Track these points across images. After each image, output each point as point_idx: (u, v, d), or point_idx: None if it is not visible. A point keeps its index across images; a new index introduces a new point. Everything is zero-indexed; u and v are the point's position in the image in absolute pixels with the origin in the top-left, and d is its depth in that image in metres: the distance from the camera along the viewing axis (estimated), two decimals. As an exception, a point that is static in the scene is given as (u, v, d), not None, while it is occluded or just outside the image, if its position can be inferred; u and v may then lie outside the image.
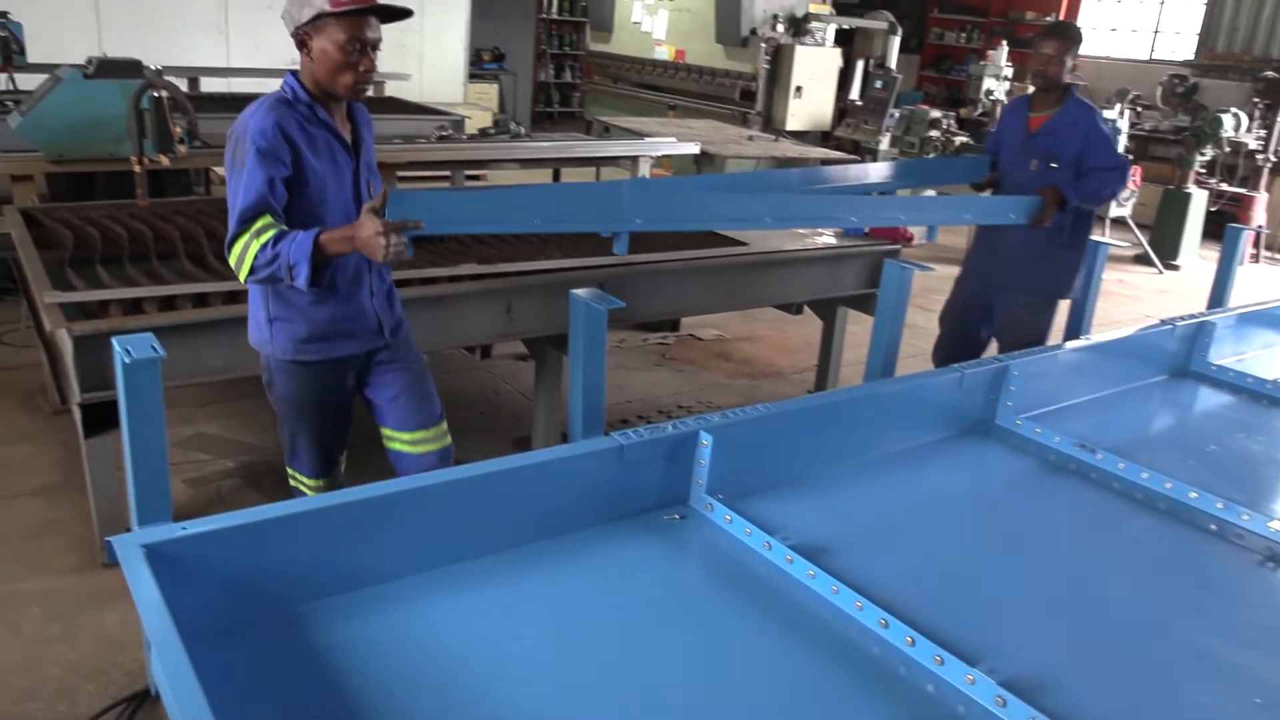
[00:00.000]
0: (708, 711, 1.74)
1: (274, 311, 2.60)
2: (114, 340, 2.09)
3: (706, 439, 2.40)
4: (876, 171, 3.89)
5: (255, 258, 2.38)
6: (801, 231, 4.97)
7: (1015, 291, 4.25)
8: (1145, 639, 2.08)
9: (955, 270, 4.59)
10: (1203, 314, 3.88)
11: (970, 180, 4.34)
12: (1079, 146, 4.03)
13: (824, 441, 2.73)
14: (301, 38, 2.47)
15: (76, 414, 2.85)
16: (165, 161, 4.43)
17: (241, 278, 2.45)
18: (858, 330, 5.20)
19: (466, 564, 2.10)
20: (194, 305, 3.13)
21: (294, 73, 2.56)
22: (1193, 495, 2.72)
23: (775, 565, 2.22)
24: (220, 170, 6.20)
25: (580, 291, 2.64)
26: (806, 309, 5.54)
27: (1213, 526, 2.62)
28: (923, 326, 6.62)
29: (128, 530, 2.01)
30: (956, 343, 4.41)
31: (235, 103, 6.79)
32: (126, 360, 2.04)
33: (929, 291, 7.40)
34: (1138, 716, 1.82)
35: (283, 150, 2.45)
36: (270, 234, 2.40)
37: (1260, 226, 8.78)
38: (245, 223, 2.41)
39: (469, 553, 2.12)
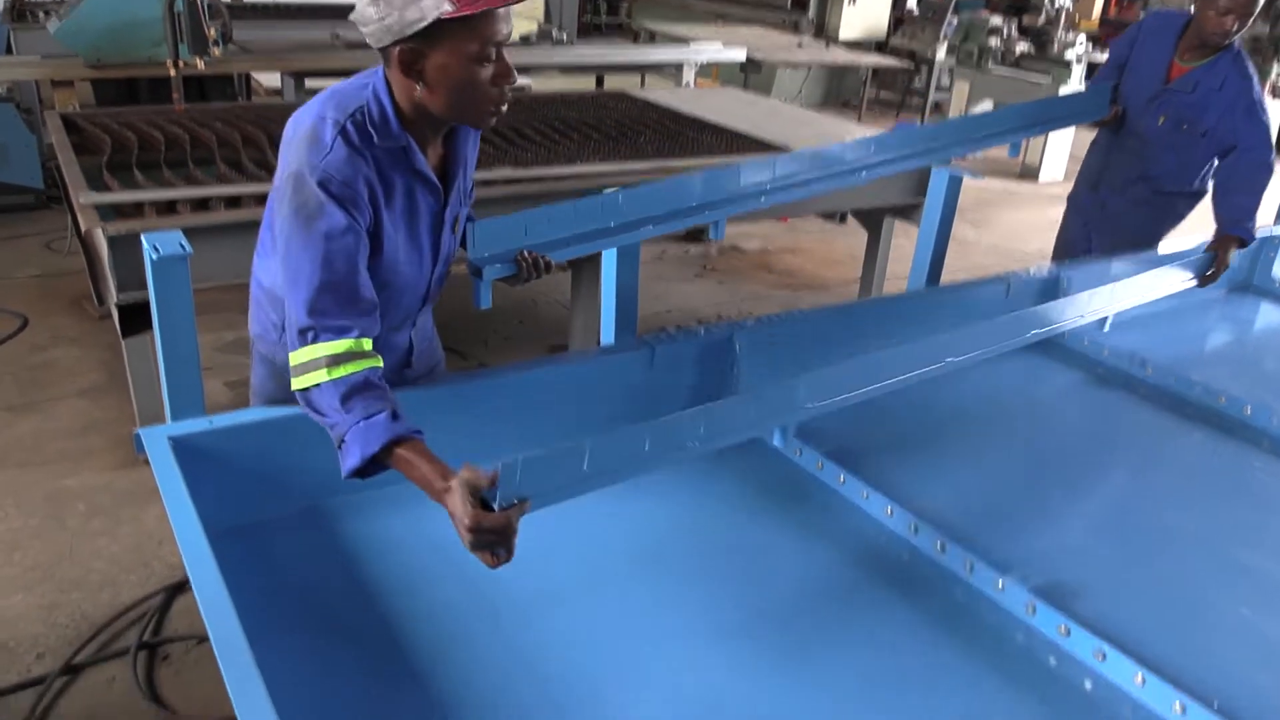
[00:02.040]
0: (730, 612, 1.72)
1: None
2: (143, 236, 2.07)
3: (740, 343, 2.35)
4: (978, 126, 3.13)
5: (316, 396, 1.55)
6: (845, 136, 4.81)
7: (1122, 231, 3.66)
8: (1187, 552, 2.02)
9: (1018, 188, 4.38)
10: (1267, 227, 3.70)
11: (1090, 120, 3.52)
12: (1221, 115, 3.26)
13: (862, 350, 2.65)
14: (405, 57, 1.53)
15: (114, 313, 2.87)
16: (200, 65, 4.39)
17: (296, 385, 1.60)
18: (904, 244, 5.07)
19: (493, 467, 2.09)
20: (227, 207, 3.12)
21: (384, 82, 1.63)
22: (1246, 410, 2.62)
23: (806, 471, 2.19)
24: (264, 79, 6.15)
25: (612, 191, 2.57)
26: (851, 219, 5.41)
27: (1265, 443, 2.53)
28: (973, 241, 6.44)
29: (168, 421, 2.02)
30: None
31: (273, 11, 6.71)
32: (154, 256, 2.03)
33: (981, 205, 7.20)
34: (1173, 626, 1.77)
35: (365, 214, 1.61)
36: (348, 373, 1.52)
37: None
38: (315, 327, 1.55)
39: (496, 455, 2.10)
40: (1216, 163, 3.43)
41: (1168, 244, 3.41)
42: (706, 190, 2.34)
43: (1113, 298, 2.41)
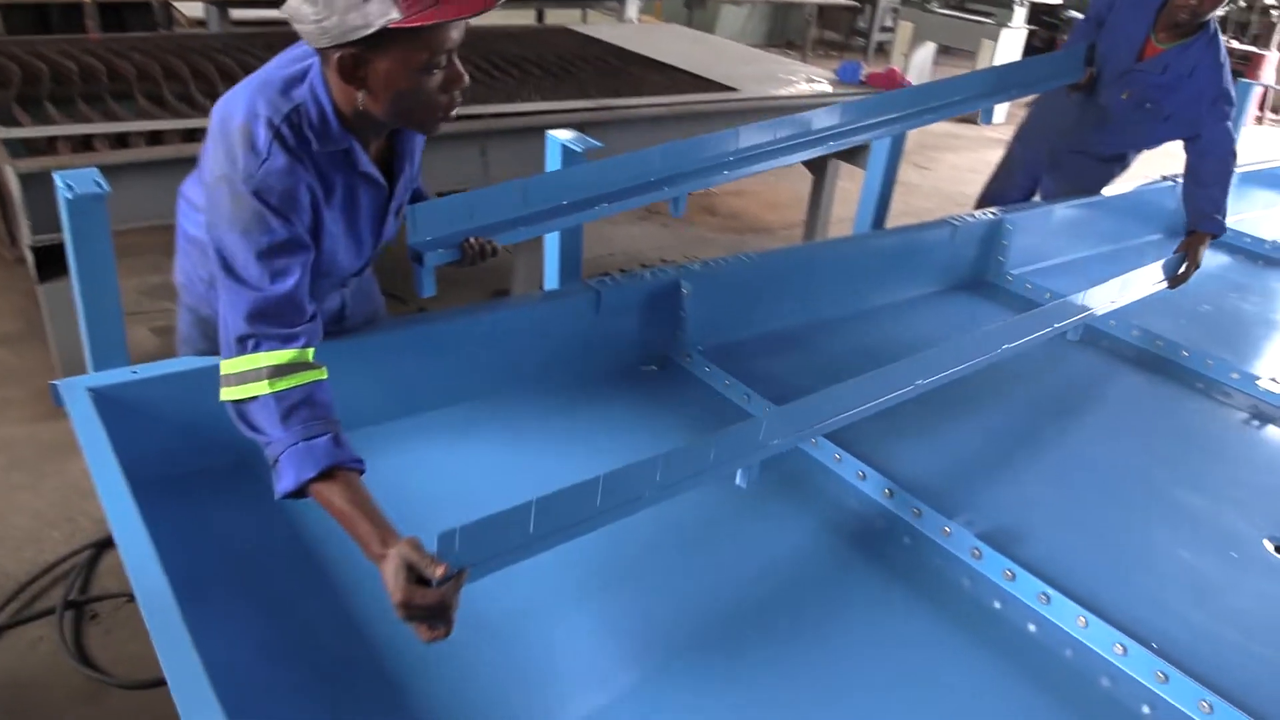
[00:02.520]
0: (681, 559, 1.70)
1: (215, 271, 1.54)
2: (56, 175, 1.94)
3: (687, 287, 2.30)
4: (950, 91, 2.85)
5: (253, 409, 1.41)
6: (792, 77, 4.75)
7: (1064, 182, 3.51)
8: (1127, 493, 2.05)
9: (962, 131, 4.35)
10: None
11: (1065, 83, 3.26)
12: (1187, 103, 3.09)
13: (809, 294, 2.64)
14: (346, 63, 1.39)
15: (29, 257, 2.72)
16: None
17: (223, 397, 1.46)
18: (849, 187, 5.04)
19: (436, 413, 2.03)
20: (148, 143, 2.96)
21: (322, 80, 1.47)
22: (1184, 354, 2.67)
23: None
24: (186, 9, 5.86)
25: (558, 132, 2.48)
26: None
27: (1200, 385, 2.57)
28: (916, 184, 6.45)
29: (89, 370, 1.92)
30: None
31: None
32: (69, 196, 1.90)
33: (925, 149, 7.21)
34: (1115, 567, 1.80)
35: (306, 218, 1.49)
36: (291, 386, 1.40)
37: (1268, 86, 8.49)
38: (255, 335, 1.42)
39: (438, 402, 2.04)
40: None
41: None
42: (666, 164, 2.22)
43: (1087, 300, 2.41)
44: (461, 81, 1.46)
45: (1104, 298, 2.51)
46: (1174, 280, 2.85)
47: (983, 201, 3.59)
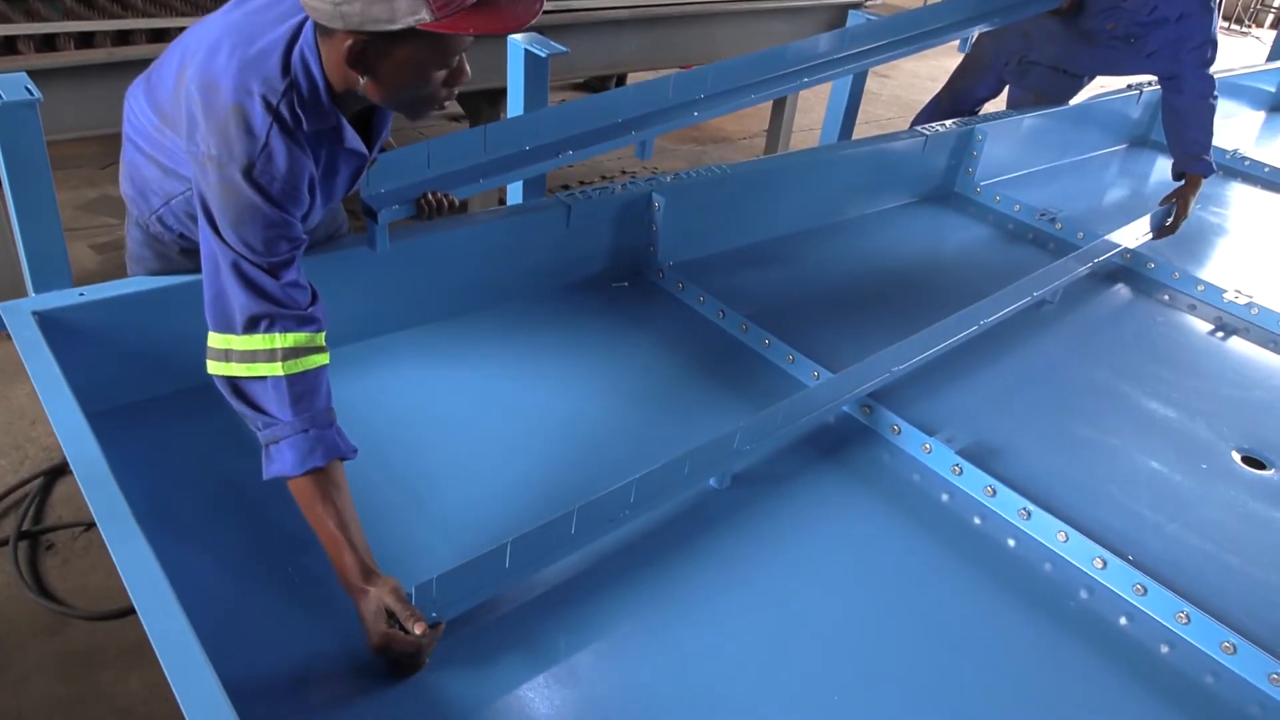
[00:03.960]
0: (641, 455, 1.67)
1: (170, 188, 1.56)
2: (-19, 81, 1.79)
3: (659, 201, 2.23)
4: (930, 19, 2.72)
5: (258, 389, 1.34)
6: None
7: (1030, 91, 3.36)
8: (1098, 408, 2.05)
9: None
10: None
11: (1048, 9, 3.08)
12: (1171, 45, 2.95)
13: (781, 207, 2.58)
14: (356, 49, 1.28)
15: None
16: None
17: (219, 371, 1.36)
18: (808, 95, 4.94)
19: (403, 333, 1.96)
20: (78, 46, 2.76)
21: (314, 51, 1.36)
22: (1150, 266, 2.67)
23: (728, 333, 2.13)
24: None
25: (519, 36, 2.36)
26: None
27: (1166, 297, 2.58)
28: (875, 93, 6.35)
29: (29, 291, 1.81)
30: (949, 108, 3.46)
31: None
32: (-4, 104, 1.76)
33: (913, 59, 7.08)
34: (1090, 481, 1.81)
35: (304, 206, 1.42)
36: (304, 370, 1.35)
37: (1222, -7, 8.45)
38: (270, 315, 1.34)
39: (404, 323, 1.97)
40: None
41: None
42: (633, 106, 2.10)
43: (1120, 238, 2.41)
44: (465, 79, 1.40)
45: (1132, 236, 2.53)
46: (1160, 231, 2.83)
47: (949, 95, 3.45)
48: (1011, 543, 1.65)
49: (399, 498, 1.57)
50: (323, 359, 1.37)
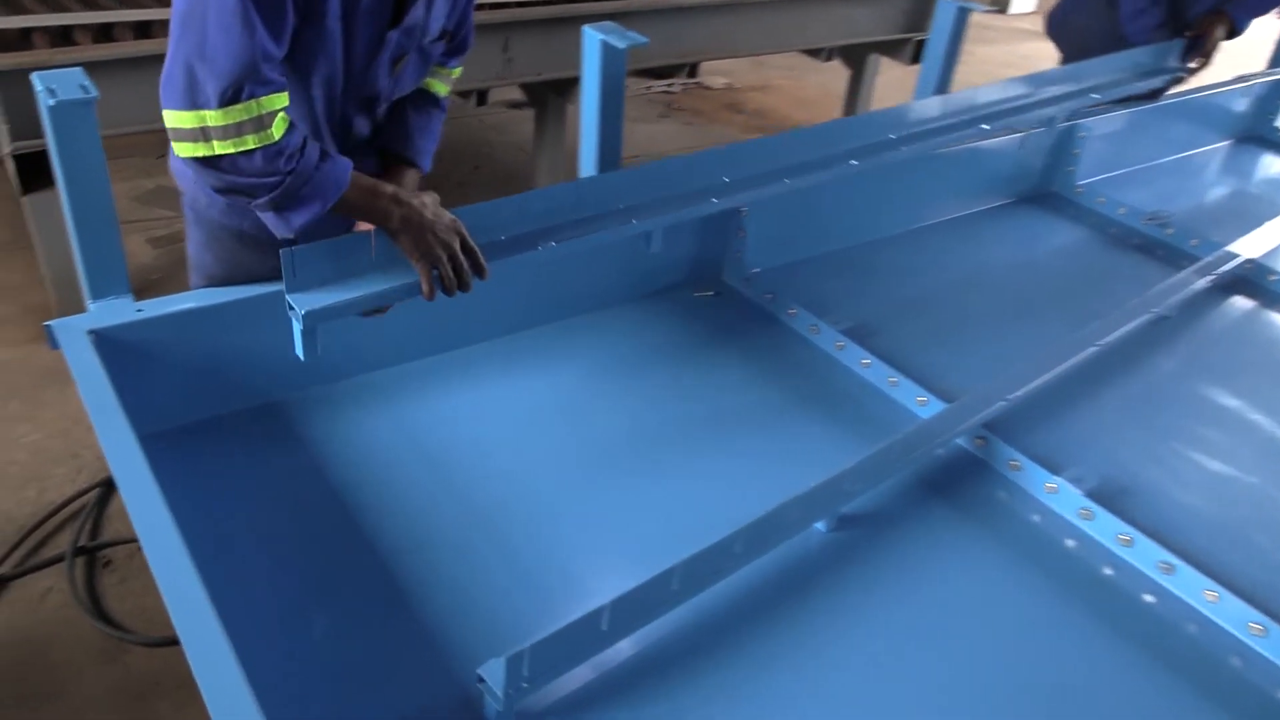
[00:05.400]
0: (733, 489, 1.53)
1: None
2: (34, 77, 1.68)
3: (746, 207, 2.07)
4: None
5: (243, 158, 1.25)
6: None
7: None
8: (1231, 440, 1.86)
9: (992, 21, 3.98)
10: (1270, 72, 3.46)
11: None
12: None
13: (869, 210, 2.40)
14: None
15: (10, 167, 2.46)
16: None
17: (195, 153, 1.26)
18: (883, 84, 4.72)
19: (474, 348, 1.83)
20: (136, 36, 2.66)
21: None
22: (1272, 278, 2.45)
23: (821, 350, 1.97)
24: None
25: (596, 26, 2.21)
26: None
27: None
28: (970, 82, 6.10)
29: (82, 300, 1.71)
30: None
31: None
32: (51, 102, 1.64)
33: (974, 42, 6.80)
34: (1232, 527, 1.63)
35: None
36: (288, 127, 1.27)
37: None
38: (246, 84, 1.23)
39: (470, 337, 1.84)
40: None
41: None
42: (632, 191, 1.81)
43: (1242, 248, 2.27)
44: None
45: (1256, 245, 2.32)
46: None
47: None
48: (1150, 599, 1.48)
49: (473, 532, 1.44)
50: (284, 100, 1.28)
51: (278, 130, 1.25)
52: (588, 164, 2.41)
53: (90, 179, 1.84)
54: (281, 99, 1.26)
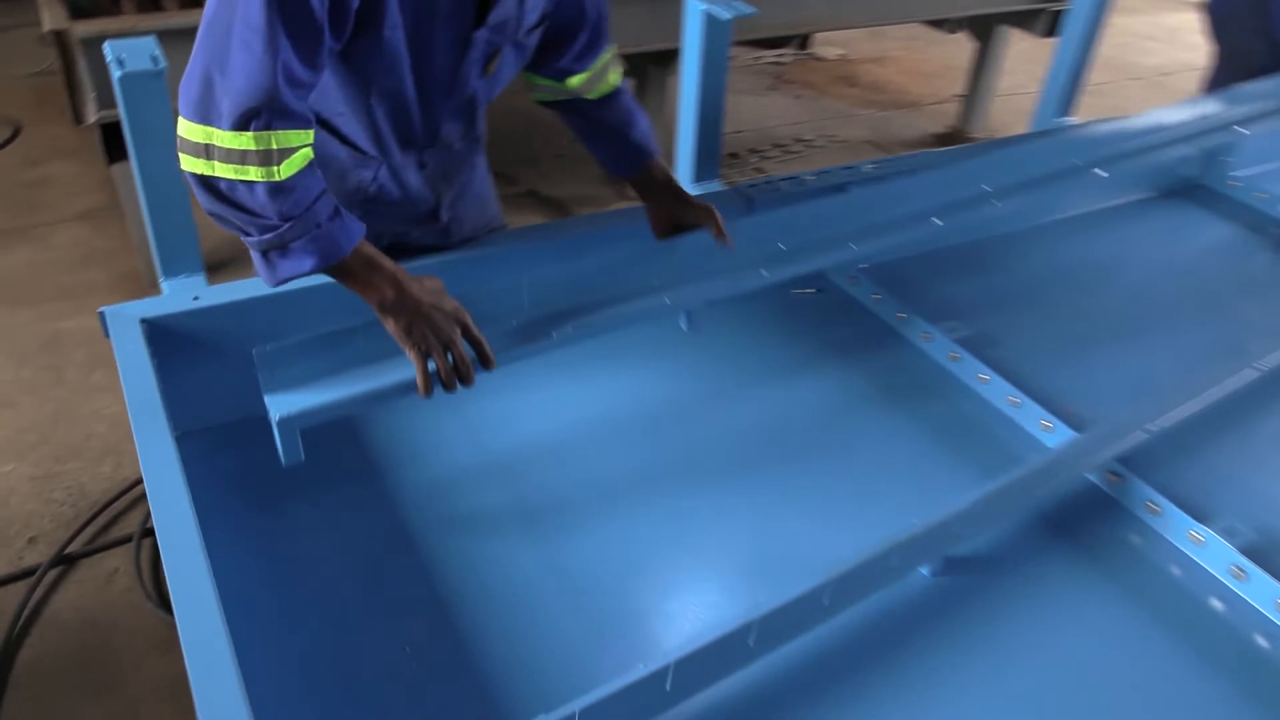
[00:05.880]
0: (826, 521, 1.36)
1: None
2: (106, 46, 1.61)
3: (856, 196, 1.87)
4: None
5: (243, 190, 1.12)
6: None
7: None
8: None
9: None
10: None
11: None
12: None
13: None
14: None
15: (98, 135, 2.44)
16: None
17: (196, 169, 1.13)
18: (1011, 54, 4.40)
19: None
20: (182, 6, 2.59)
21: None
22: None
23: (933, 360, 1.77)
24: None
25: (699, -6, 2.03)
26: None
27: None
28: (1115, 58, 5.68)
29: (159, 276, 1.66)
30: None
31: None
32: (120, 72, 1.57)
33: (1115, 11, 6.34)
34: None
35: None
36: (299, 170, 1.13)
37: None
38: (264, 112, 1.10)
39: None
40: None
41: None
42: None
43: None
44: None
45: None
46: None
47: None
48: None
49: (534, 551, 1.32)
50: (310, 150, 1.15)
51: (285, 170, 1.11)
52: (686, 140, 2.25)
53: (161, 151, 1.77)
54: (300, 137, 1.13)
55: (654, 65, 3.40)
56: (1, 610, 1.89)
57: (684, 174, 2.27)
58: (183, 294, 1.49)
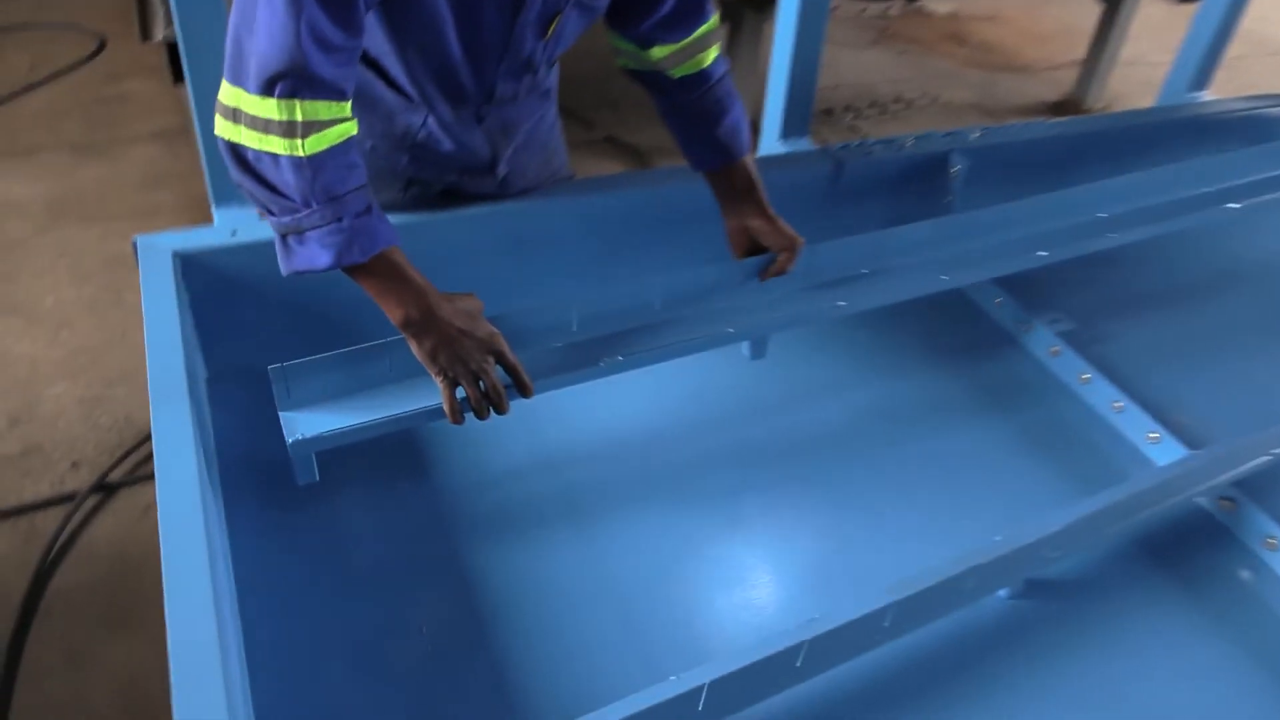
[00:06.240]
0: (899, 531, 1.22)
1: None
2: (164, -45, 1.50)
3: (959, 164, 1.70)
4: None
5: (277, 165, 1.00)
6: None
7: None
8: None
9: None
10: None
11: None
12: None
13: (1117, 182, 1.96)
14: None
15: (163, 53, 2.36)
16: None
17: (226, 135, 1.02)
18: (1137, 20, 4.07)
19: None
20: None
21: None
22: None
23: (1031, 354, 1.60)
24: None
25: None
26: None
27: None
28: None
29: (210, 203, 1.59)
30: None
31: None
32: (179, -13, 1.47)
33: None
34: None
35: None
36: (331, 145, 1.01)
37: None
38: (290, 77, 0.98)
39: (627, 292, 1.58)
40: None
41: None
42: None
43: None
44: None
45: None
46: None
47: None
48: None
49: (586, 549, 1.21)
50: (350, 128, 1.04)
51: (311, 146, 0.99)
52: (777, 92, 2.09)
53: (216, 74, 1.68)
54: (331, 110, 1.00)
55: (751, 10, 3.21)
56: (39, 535, 1.86)
57: (772, 129, 2.11)
58: (224, 228, 1.40)
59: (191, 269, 1.32)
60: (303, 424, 1.11)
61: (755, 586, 1.20)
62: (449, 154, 1.34)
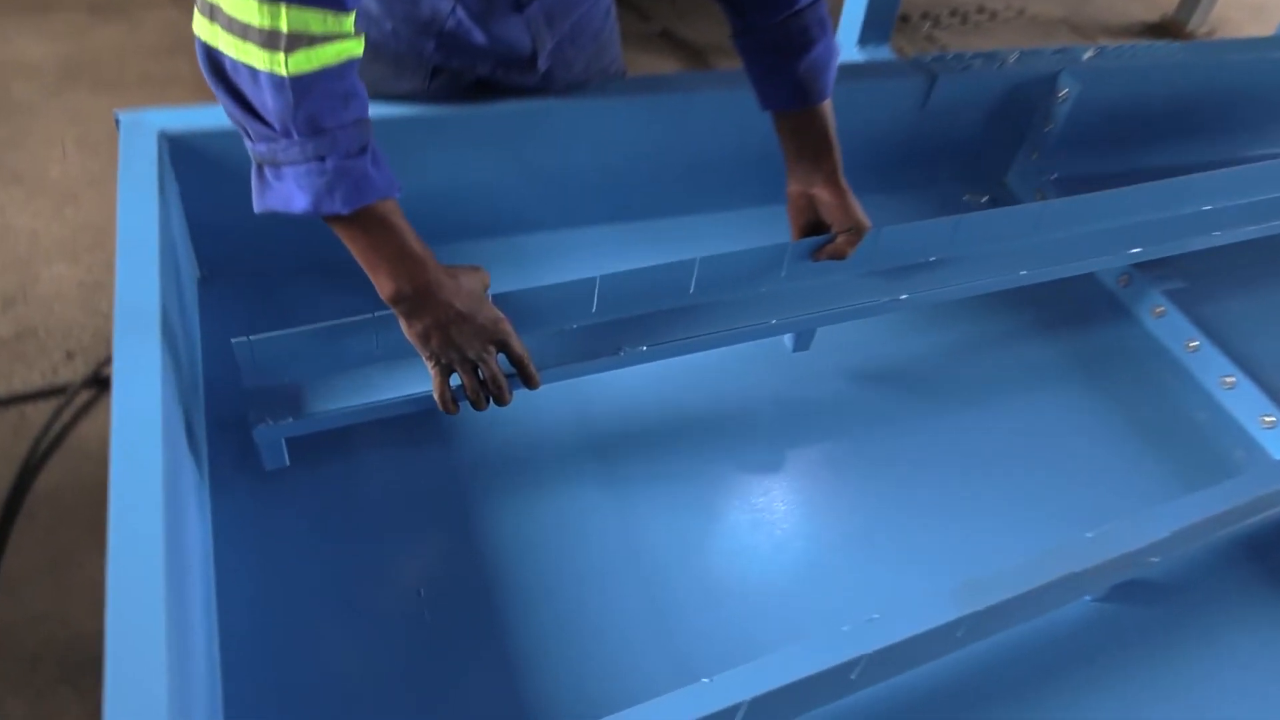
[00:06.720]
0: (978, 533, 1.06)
1: None
2: None
3: (1069, 87, 1.47)
4: None
5: (260, 83, 0.80)
6: None
7: None
8: None
9: None
10: None
11: None
12: None
13: (1241, 122, 1.73)
14: None
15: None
16: None
17: (202, 35, 0.80)
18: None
19: (629, 224, 1.39)
20: None
21: None
22: None
23: (1132, 313, 1.40)
24: None
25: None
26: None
27: None
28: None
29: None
30: None
31: None
32: None
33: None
34: None
35: None
36: (325, 65, 0.80)
37: None
38: None
39: (636, 213, 1.39)
40: None
41: None
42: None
43: None
44: None
45: None
46: None
47: None
48: None
49: (622, 543, 1.05)
50: (350, 48, 0.83)
51: (295, 64, 0.78)
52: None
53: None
54: (323, 23, 0.79)
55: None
56: (29, 426, 1.74)
57: (849, 35, 1.88)
58: (213, 110, 1.22)
59: (182, 153, 1.15)
60: (271, 407, 0.95)
61: (809, 580, 1.04)
62: (482, 46, 1.14)
